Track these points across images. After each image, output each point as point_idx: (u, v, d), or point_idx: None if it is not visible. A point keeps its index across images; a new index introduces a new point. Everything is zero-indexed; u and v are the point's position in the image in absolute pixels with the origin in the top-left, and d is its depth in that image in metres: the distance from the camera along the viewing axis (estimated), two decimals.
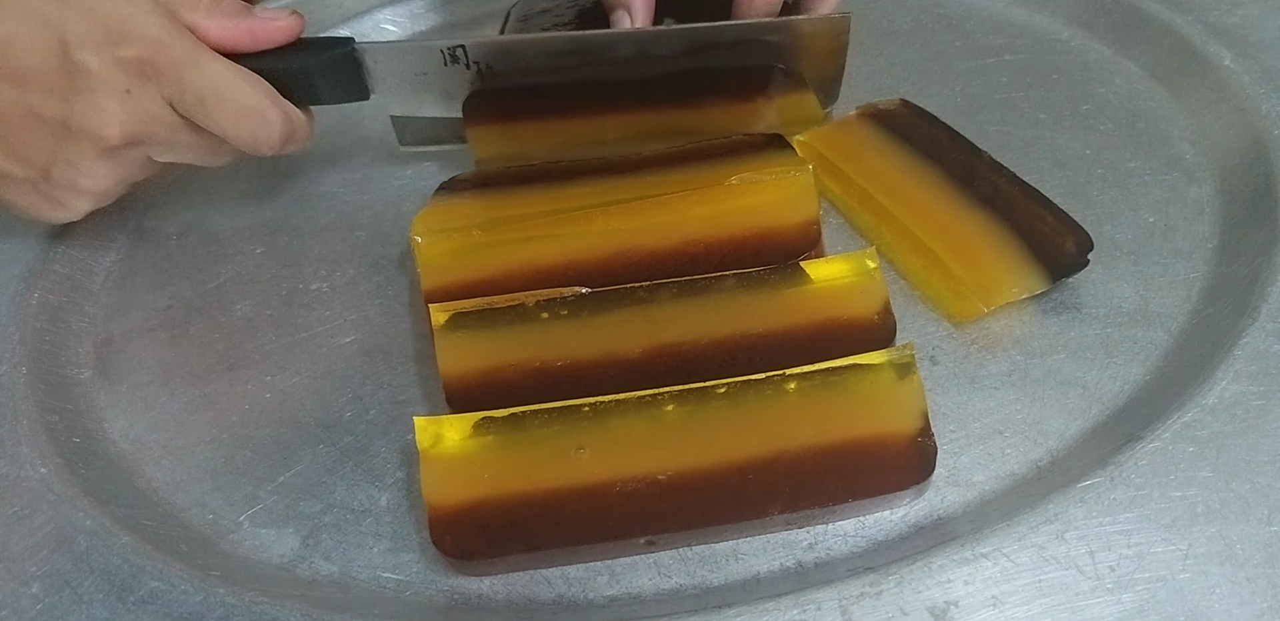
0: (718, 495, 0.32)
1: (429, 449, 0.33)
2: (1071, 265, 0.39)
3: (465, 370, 0.36)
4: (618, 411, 0.34)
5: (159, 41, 0.37)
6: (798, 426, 0.33)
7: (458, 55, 0.43)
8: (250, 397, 0.40)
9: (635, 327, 0.37)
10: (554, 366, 0.36)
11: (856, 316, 0.37)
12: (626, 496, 0.32)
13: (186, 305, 0.44)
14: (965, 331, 0.39)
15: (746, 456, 0.33)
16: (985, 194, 0.41)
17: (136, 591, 0.32)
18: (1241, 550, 0.29)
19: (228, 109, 0.38)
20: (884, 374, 0.34)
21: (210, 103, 0.38)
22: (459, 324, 0.37)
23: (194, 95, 0.38)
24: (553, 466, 0.33)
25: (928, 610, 0.29)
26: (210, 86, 0.38)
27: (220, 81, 0.38)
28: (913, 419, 0.33)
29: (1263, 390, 0.33)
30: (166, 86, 0.37)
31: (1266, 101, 0.43)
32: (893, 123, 0.45)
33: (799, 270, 0.38)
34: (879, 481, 0.32)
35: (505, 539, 0.32)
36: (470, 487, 0.33)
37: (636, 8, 0.44)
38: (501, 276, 0.39)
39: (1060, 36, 0.52)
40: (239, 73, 0.38)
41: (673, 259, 0.39)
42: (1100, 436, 0.34)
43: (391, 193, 0.49)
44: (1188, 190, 0.43)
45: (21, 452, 0.37)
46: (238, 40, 0.39)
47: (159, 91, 0.37)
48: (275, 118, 0.39)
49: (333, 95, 0.43)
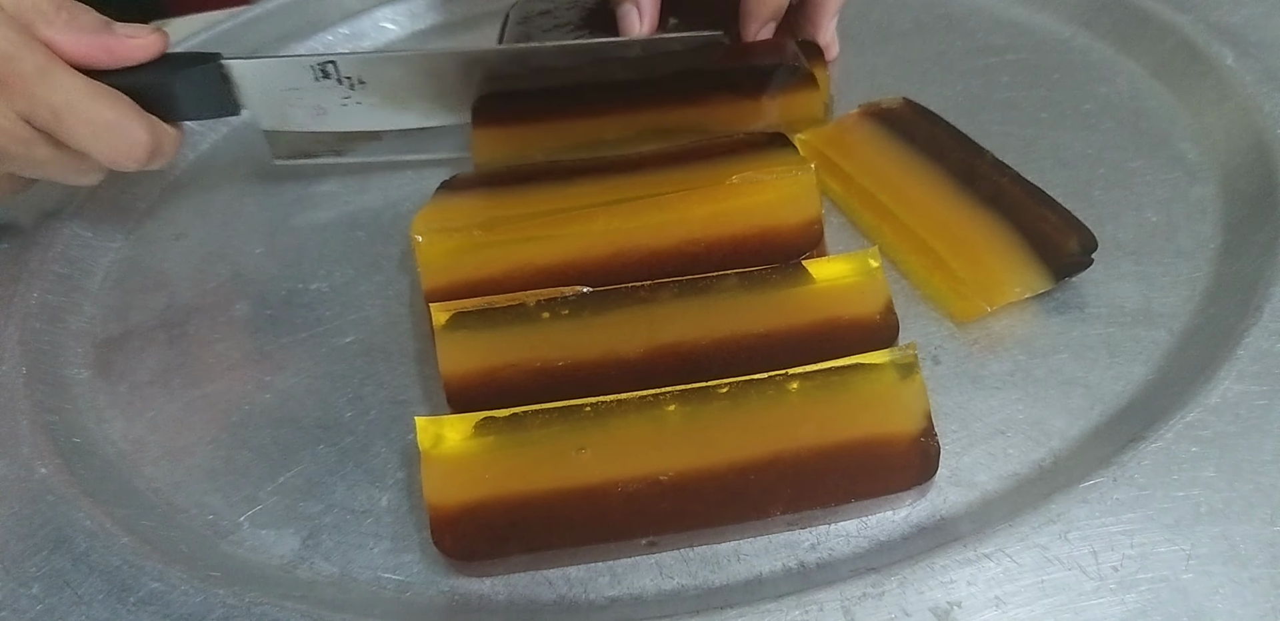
0: (719, 496, 0.32)
1: (430, 449, 0.33)
2: (1075, 265, 0.38)
3: (466, 370, 0.36)
4: (619, 411, 0.34)
5: (7, 55, 0.36)
6: (800, 426, 0.33)
7: (329, 71, 0.43)
8: (250, 397, 0.40)
9: (636, 327, 0.37)
10: (555, 366, 0.36)
11: (859, 316, 0.37)
12: (628, 497, 0.32)
13: (186, 305, 0.44)
14: (967, 331, 0.38)
15: (748, 457, 0.32)
16: (988, 193, 0.41)
17: (136, 592, 0.32)
18: (1245, 550, 0.29)
19: (84, 123, 0.38)
20: (886, 374, 0.34)
21: (65, 116, 0.38)
22: (460, 323, 0.37)
23: (47, 109, 0.38)
24: (554, 467, 0.33)
25: (930, 610, 0.29)
26: (63, 100, 0.38)
27: (74, 95, 0.38)
28: (915, 419, 0.33)
29: (1266, 390, 0.33)
30: (18, 101, 0.37)
31: (1269, 101, 0.43)
32: (895, 121, 0.45)
33: (801, 269, 0.38)
34: (881, 482, 0.32)
35: (506, 539, 0.32)
36: (471, 488, 0.33)
37: (645, 5, 0.44)
38: (502, 276, 0.39)
39: (1062, 36, 0.52)
40: (95, 87, 0.38)
41: (674, 258, 0.39)
42: (1103, 436, 0.34)
43: (391, 193, 0.48)
44: (1190, 190, 0.42)
45: (21, 452, 0.37)
46: (94, 57, 0.39)
47: (11, 106, 0.37)
48: (138, 132, 0.39)
49: (199, 111, 0.43)
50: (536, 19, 0.51)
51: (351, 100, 0.45)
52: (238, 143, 0.54)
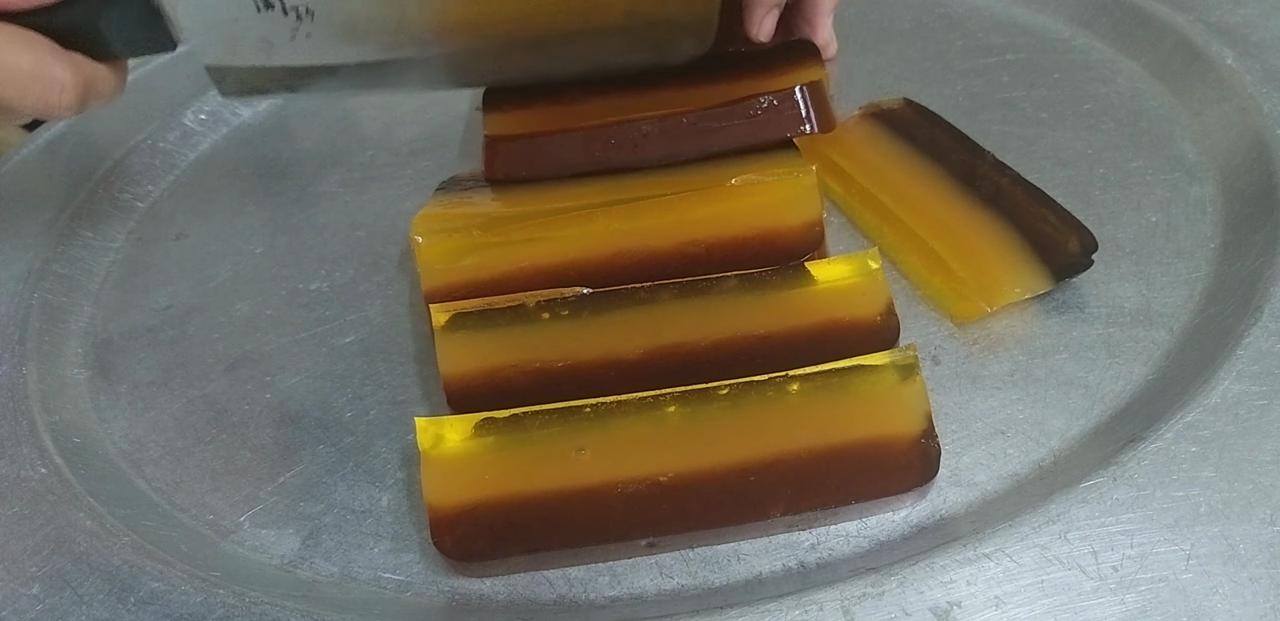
0: (719, 497, 0.32)
1: (430, 450, 0.33)
2: (1075, 265, 0.38)
3: (466, 370, 0.36)
4: (619, 412, 0.34)
5: None
6: (800, 428, 0.33)
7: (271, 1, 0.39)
8: (250, 397, 0.40)
9: (636, 328, 0.37)
10: (555, 367, 0.36)
11: (859, 317, 0.37)
12: (627, 498, 0.32)
13: (186, 305, 0.44)
14: (967, 331, 0.38)
15: (748, 458, 0.32)
16: (988, 194, 0.41)
17: (137, 592, 0.32)
18: (1244, 550, 0.29)
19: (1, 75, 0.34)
20: (887, 375, 0.34)
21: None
22: (460, 324, 0.37)
23: None
24: (554, 467, 0.33)
25: (930, 610, 0.29)
26: None
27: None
28: (916, 420, 0.33)
29: (1265, 390, 0.33)
30: None
31: (1269, 101, 0.43)
32: (895, 122, 0.45)
33: (801, 271, 0.38)
34: (882, 483, 0.32)
35: (506, 540, 0.32)
36: (471, 489, 0.33)
37: None
38: (502, 276, 0.39)
39: (1062, 36, 0.52)
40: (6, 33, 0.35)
41: (674, 259, 0.39)
42: (1103, 436, 0.34)
43: (391, 193, 0.48)
44: (1190, 190, 0.42)
45: (21, 452, 0.37)
46: None
47: None
48: (62, 75, 0.35)
49: (131, 47, 0.38)
50: None
51: (300, 32, 0.40)
52: (238, 142, 0.54)
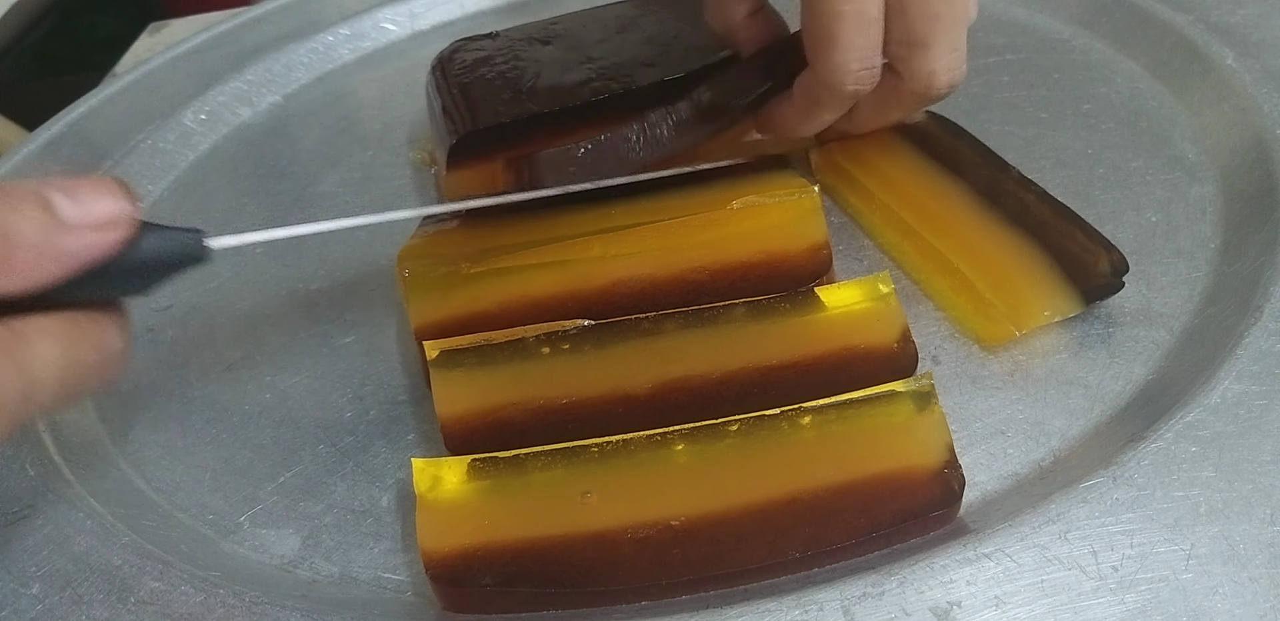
0: (734, 540, 0.30)
1: (426, 493, 0.32)
2: (1106, 287, 0.37)
3: (464, 410, 0.34)
4: (626, 452, 0.32)
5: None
6: (815, 463, 0.31)
7: None
8: (250, 397, 0.40)
9: (642, 361, 0.35)
10: (558, 404, 0.34)
11: (875, 345, 0.35)
12: (637, 544, 0.30)
13: (186, 305, 0.44)
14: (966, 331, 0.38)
15: (763, 498, 0.31)
16: (1014, 211, 0.39)
17: (137, 592, 0.32)
18: (1244, 550, 0.29)
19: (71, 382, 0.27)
20: (903, 405, 0.32)
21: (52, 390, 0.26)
22: (455, 362, 0.35)
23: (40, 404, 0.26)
24: (558, 512, 0.31)
25: (930, 610, 0.29)
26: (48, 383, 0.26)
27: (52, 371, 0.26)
28: (936, 451, 0.31)
29: (1265, 390, 0.33)
30: None
31: (1268, 101, 0.43)
32: (914, 133, 0.44)
33: (811, 297, 0.36)
34: (903, 517, 0.31)
35: (506, 590, 0.30)
36: (470, 534, 0.31)
37: None
38: (496, 309, 0.37)
39: (1062, 36, 0.52)
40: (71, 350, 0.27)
41: (677, 287, 0.37)
42: (1102, 436, 0.34)
43: (391, 193, 0.48)
44: (1190, 190, 0.42)
45: (21, 453, 0.37)
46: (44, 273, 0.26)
47: None
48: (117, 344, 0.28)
49: None
50: (477, 69, 0.45)
51: None
52: (237, 143, 0.54)
